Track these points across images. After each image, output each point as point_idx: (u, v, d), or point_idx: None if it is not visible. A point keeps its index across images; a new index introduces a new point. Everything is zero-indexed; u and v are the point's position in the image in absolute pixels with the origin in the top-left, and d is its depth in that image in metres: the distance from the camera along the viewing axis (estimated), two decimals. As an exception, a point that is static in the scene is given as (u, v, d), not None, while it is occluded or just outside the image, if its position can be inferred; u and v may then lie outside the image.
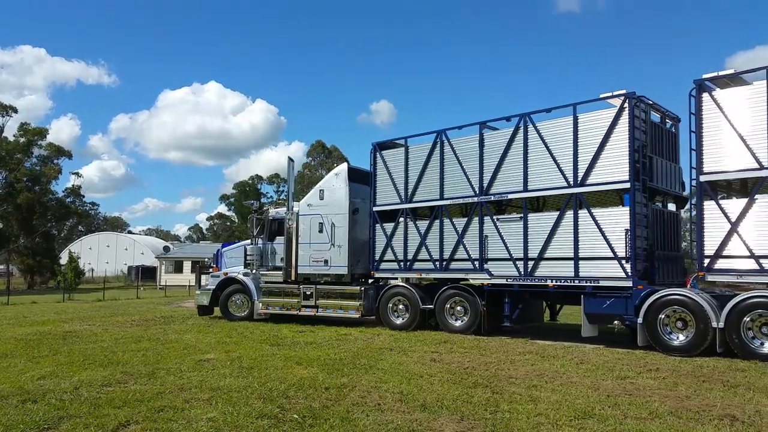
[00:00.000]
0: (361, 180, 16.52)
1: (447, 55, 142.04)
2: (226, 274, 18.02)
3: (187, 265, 51.80)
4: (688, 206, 12.80)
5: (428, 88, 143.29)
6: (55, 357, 10.48)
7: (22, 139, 50.40)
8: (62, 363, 9.82)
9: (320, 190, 16.52)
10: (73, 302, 28.55)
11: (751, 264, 10.09)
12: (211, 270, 19.12)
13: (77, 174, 58.19)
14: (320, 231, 16.19)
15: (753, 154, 10.16)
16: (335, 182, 16.34)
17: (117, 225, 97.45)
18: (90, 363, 9.79)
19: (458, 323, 13.89)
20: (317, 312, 16.17)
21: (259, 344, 12.05)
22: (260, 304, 17.00)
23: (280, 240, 17.19)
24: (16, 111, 51.40)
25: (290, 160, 17.56)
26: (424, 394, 7.39)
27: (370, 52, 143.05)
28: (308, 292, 16.28)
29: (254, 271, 17.47)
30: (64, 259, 49.19)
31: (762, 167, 10.08)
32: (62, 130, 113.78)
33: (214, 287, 17.93)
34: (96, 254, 71.53)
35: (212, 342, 12.45)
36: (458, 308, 13.96)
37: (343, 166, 16.73)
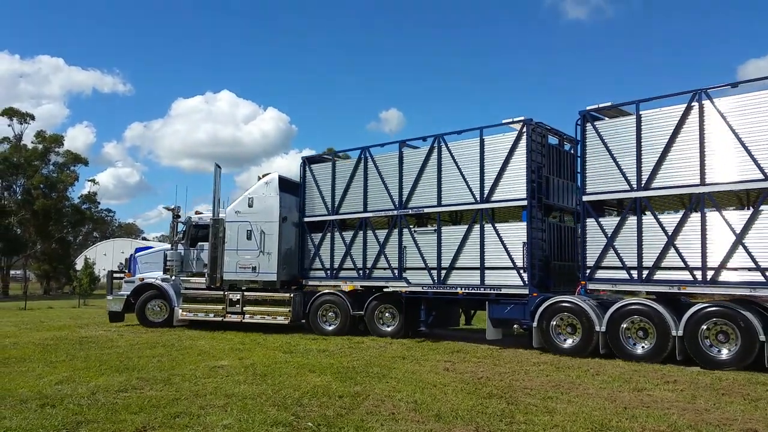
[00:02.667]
0: (289, 190, 16.90)
1: (455, 64, 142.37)
2: (142, 279, 17.57)
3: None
4: None
5: (437, 97, 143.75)
6: (72, 362, 10.60)
7: (39, 146, 51.08)
8: (79, 368, 9.93)
9: (249, 198, 16.56)
10: (88, 307, 28.79)
11: (623, 274, 11.33)
12: (123, 275, 18.50)
13: (93, 181, 58.61)
14: (248, 238, 16.23)
15: (625, 177, 11.37)
16: (266, 191, 16.51)
17: (131, 231, 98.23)
18: (106, 368, 9.89)
19: (389, 329, 14.82)
20: (243, 319, 16.14)
21: (272, 351, 12.09)
22: (180, 311, 16.74)
23: (202, 246, 16.99)
24: (33, 118, 51.88)
25: (217, 166, 17.38)
26: (438, 404, 7.36)
27: (379, 60, 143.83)
28: (234, 299, 16.27)
29: (173, 277, 17.15)
30: (79, 264, 49.67)
31: (632, 189, 11.29)
32: (78, 138, 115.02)
33: (128, 293, 17.46)
34: (111, 260, 71.92)
35: (226, 348, 12.51)
36: (386, 314, 14.97)
37: (274, 176, 16.87)
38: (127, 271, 18.64)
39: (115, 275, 18.92)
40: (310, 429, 6.27)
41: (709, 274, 10.31)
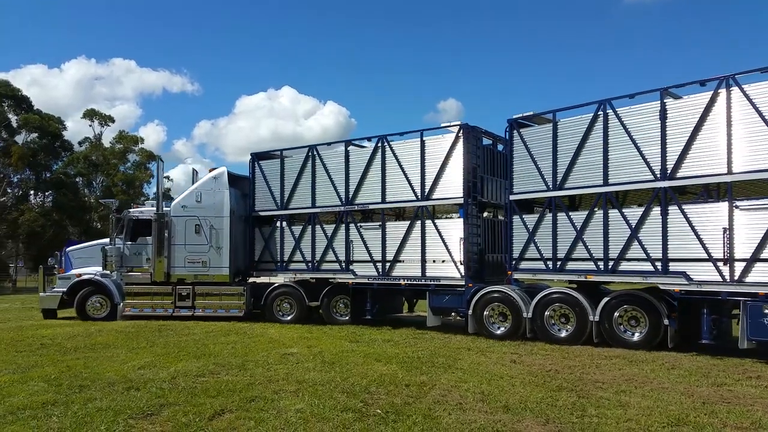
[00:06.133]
0: (236, 184, 17.00)
1: (513, 53, 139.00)
2: (80, 275, 17.03)
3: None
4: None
5: (495, 86, 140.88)
6: (153, 348, 11.22)
7: (118, 146, 54.23)
8: (159, 354, 10.51)
9: (197, 193, 16.53)
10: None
11: (541, 265, 12.46)
12: (56, 271, 17.92)
13: (167, 178, 61.73)
14: (197, 233, 16.30)
15: (543, 179, 12.46)
16: (214, 186, 16.53)
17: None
18: (184, 354, 10.43)
19: (345, 318, 15.60)
20: (194, 312, 16.17)
21: (338, 340, 12.36)
22: (124, 306, 16.47)
23: (142, 241, 16.80)
24: (113, 120, 55.37)
25: (160, 160, 17.30)
26: (506, 396, 7.32)
27: (437, 50, 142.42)
28: (183, 293, 16.31)
29: (113, 273, 16.86)
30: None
31: (548, 189, 12.38)
32: (150, 137, 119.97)
33: (63, 290, 16.91)
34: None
35: (294, 337, 12.90)
36: (341, 304, 15.77)
37: (223, 170, 16.83)
38: (59, 267, 18.19)
39: (47, 271, 18.31)
40: (379, 416, 6.39)
41: (610, 264, 11.46)
